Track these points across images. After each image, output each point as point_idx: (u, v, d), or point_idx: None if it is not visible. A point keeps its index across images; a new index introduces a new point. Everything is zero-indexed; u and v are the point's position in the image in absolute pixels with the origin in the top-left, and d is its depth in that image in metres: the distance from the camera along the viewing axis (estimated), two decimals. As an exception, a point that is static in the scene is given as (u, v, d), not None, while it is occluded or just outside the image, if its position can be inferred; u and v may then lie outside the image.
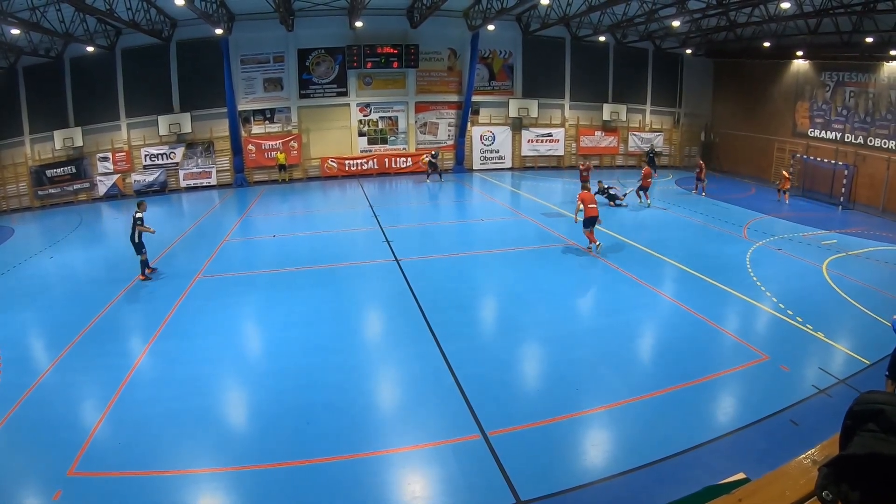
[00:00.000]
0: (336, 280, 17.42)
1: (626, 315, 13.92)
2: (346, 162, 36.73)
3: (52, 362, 12.86)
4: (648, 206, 26.65)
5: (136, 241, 18.50)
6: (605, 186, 27.57)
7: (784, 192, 27.98)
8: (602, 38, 36.41)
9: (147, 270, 18.69)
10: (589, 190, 21.18)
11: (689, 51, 37.62)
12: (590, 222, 18.82)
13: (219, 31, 31.16)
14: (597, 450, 8.91)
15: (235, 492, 8.30)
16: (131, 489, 8.37)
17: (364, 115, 36.85)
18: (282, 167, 35.86)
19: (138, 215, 18.65)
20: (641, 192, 27.20)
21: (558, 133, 38.32)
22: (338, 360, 12.07)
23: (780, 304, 14.27)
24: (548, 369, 11.68)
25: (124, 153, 34.65)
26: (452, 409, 9.92)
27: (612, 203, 26.60)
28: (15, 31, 26.29)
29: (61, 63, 34.14)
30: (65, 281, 19.19)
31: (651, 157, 36.19)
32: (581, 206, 18.76)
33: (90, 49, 31.42)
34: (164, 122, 34.53)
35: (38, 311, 16.42)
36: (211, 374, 11.84)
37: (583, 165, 28.71)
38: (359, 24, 32.03)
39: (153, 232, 18.85)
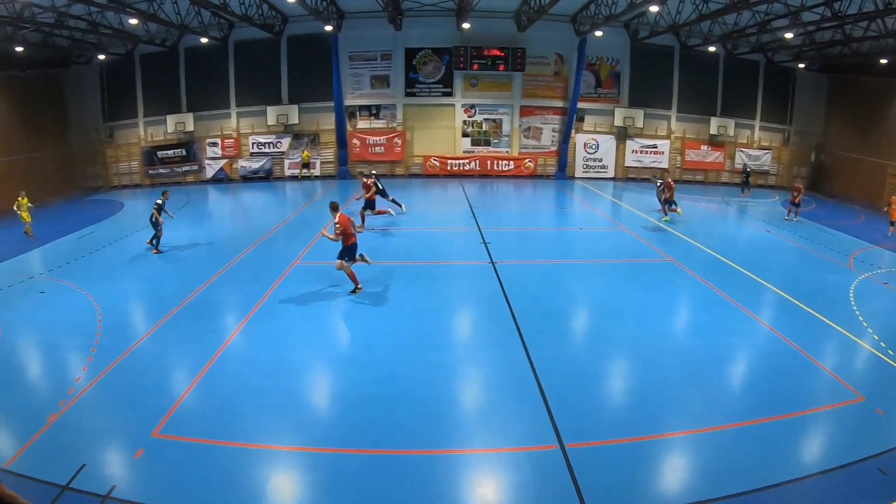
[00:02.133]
0: (430, 277, 17.30)
1: (718, 338, 13.11)
2: (449, 161, 36.77)
3: (149, 330, 13.48)
4: (679, 214, 25.19)
5: (153, 221, 20.20)
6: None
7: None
8: (712, 49, 34.90)
9: (151, 244, 20.44)
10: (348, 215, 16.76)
11: (802, 65, 35.71)
12: (350, 252, 15.59)
13: (328, 28, 32.02)
14: (674, 475, 8.44)
15: (310, 472, 8.48)
16: (210, 456, 8.67)
17: (469, 117, 36.80)
18: (305, 165, 36.39)
19: (159, 202, 20.29)
20: (667, 206, 25.40)
21: (663, 145, 37.12)
22: (424, 356, 12.00)
23: (882, 343, 12.99)
24: (633, 386, 11.17)
25: (233, 140, 36.25)
26: (533, 416, 9.64)
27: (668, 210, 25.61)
28: (133, 21, 27.50)
29: (176, 52, 36.02)
30: (167, 256, 20.05)
31: (746, 177, 34.47)
32: (338, 231, 15.25)
33: (204, 40, 32.95)
34: (272, 113, 35.71)
35: (140, 282, 17.29)
36: (298, 357, 12.10)
37: (368, 180, 23.50)
38: (466, 25, 31.92)
39: (172, 216, 21.02)
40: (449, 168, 36.73)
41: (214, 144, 36.18)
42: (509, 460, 8.56)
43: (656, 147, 37.04)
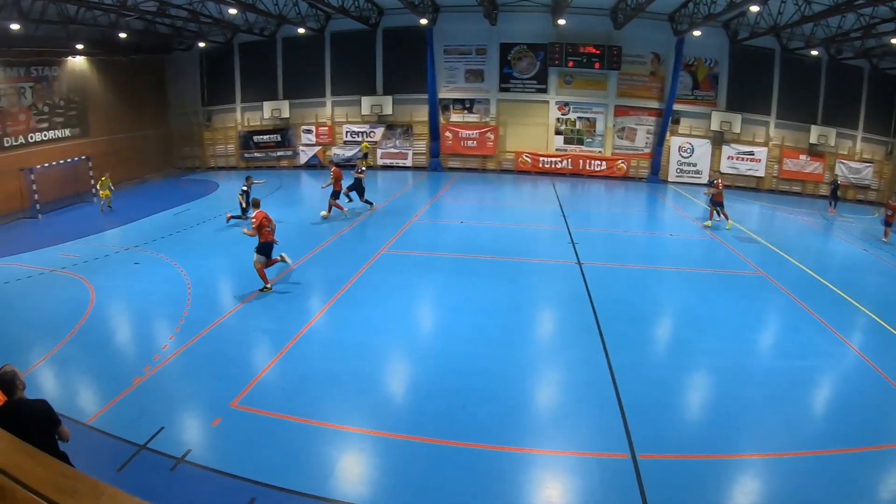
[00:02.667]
0: (515, 273, 17.27)
1: (804, 360, 12.39)
2: (541, 159, 36.26)
3: (236, 306, 14.25)
4: (728, 227, 24.21)
5: (242, 208, 22.60)
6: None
7: None
8: (814, 52, 33.16)
9: (230, 217, 22.64)
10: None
11: (908, 73, 34.30)
12: (264, 249, 15.06)
13: (424, 21, 32.32)
14: (745, 498, 8.01)
15: (380, 456, 8.68)
16: (284, 431, 9.09)
17: (562, 114, 36.19)
18: (364, 155, 36.95)
19: (244, 188, 22.46)
20: (717, 211, 24.55)
21: (760, 152, 35.44)
22: (503, 352, 12.00)
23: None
24: (711, 402, 10.83)
25: (327, 128, 37.17)
26: (607, 422, 9.48)
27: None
28: (232, 11, 28.89)
29: (274, 41, 37.15)
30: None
31: (834, 190, 31.75)
32: (254, 225, 15.09)
33: (301, 31, 33.92)
34: (366, 103, 36.27)
35: (230, 259, 18.29)
36: (378, 343, 12.47)
37: (334, 168, 24.00)
38: (562, 21, 31.58)
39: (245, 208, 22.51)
40: (541, 165, 36.24)
41: (309, 131, 37.19)
42: (579, 464, 8.51)
43: (753, 154, 35.40)
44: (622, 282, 16.96)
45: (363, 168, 24.92)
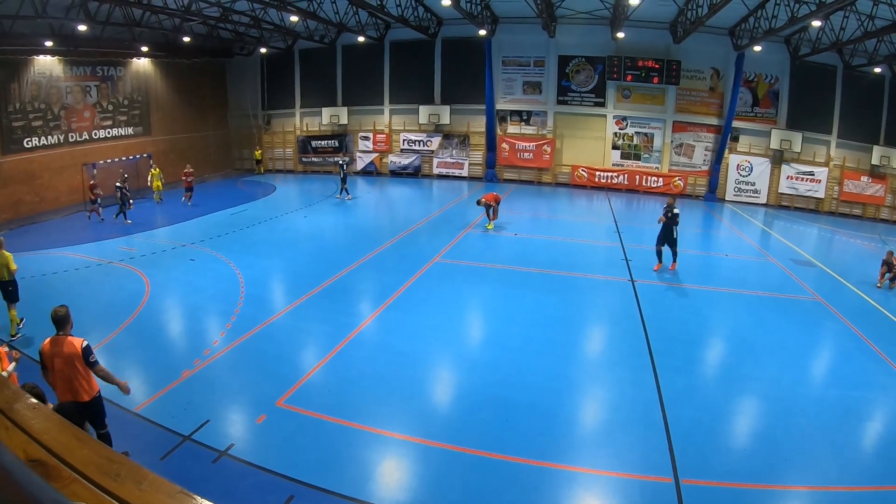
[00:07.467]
0: (567, 288, 17.02)
1: (858, 391, 11.75)
2: (597, 173, 35.82)
3: (288, 306, 14.52)
4: (489, 228, 23.61)
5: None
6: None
7: None
8: (877, 70, 31.83)
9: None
10: None
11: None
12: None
13: (482, 32, 32.41)
14: None
15: (420, 463, 8.66)
16: (326, 432, 9.15)
17: (620, 129, 35.68)
18: (258, 161, 38.73)
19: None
20: (490, 214, 23.67)
21: (821, 173, 34.05)
22: (550, 366, 11.82)
23: None
24: (760, 430, 10.30)
25: (384, 135, 37.81)
26: (652, 444, 9.20)
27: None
28: (293, 19, 29.63)
29: (334, 49, 37.97)
30: (312, 239, 21.63)
31: (670, 218, 20.35)
32: None
33: (361, 39, 34.40)
34: (424, 112, 36.61)
35: (285, 261, 18.69)
36: (426, 350, 12.46)
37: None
38: (620, 34, 31.13)
39: None
40: (597, 180, 35.82)
41: (366, 138, 37.90)
42: (620, 485, 8.31)
43: (813, 174, 33.98)
44: (675, 301, 16.65)
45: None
